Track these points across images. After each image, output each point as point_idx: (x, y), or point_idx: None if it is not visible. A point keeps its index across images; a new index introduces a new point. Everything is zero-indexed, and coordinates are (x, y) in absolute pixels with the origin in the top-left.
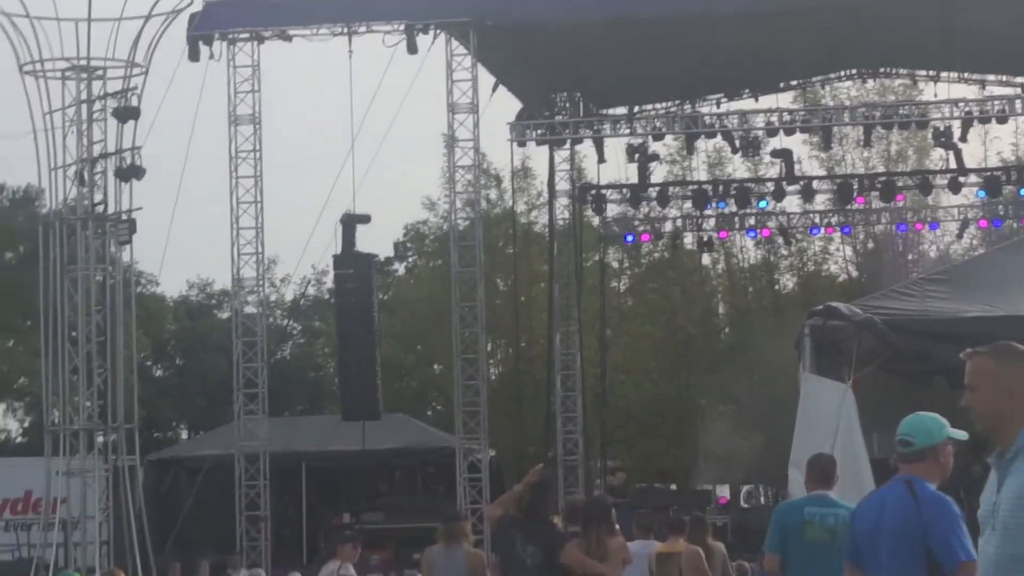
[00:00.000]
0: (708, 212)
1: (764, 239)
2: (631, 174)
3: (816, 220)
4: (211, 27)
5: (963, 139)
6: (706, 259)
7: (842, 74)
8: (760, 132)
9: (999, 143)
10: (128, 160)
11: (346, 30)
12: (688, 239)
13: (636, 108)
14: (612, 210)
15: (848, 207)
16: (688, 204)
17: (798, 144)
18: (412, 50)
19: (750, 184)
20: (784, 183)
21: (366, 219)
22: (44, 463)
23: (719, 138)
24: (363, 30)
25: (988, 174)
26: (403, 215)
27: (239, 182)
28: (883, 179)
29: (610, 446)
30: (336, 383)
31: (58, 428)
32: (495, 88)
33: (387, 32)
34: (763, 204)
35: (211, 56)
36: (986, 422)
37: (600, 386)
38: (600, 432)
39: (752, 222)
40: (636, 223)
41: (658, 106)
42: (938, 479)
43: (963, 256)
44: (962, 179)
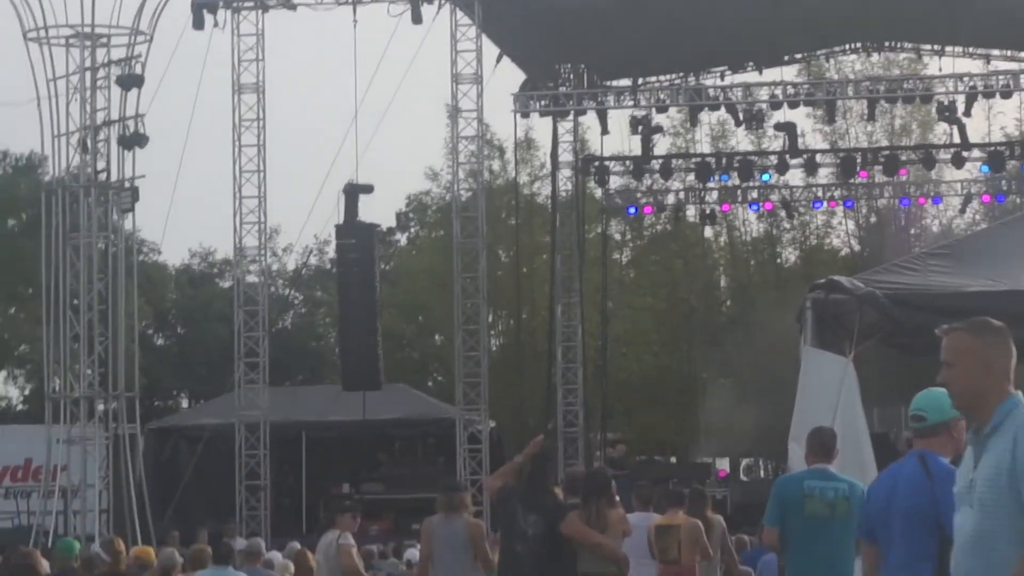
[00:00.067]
0: (711, 185)
1: (767, 212)
2: (634, 146)
3: (819, 194)
4: None
5: (967, 114)
6: (708, 232)
7: (847, 47)
8: (764, 105)
9: (1003, 118)
10: (131, 128)
11: None
12: (691, 212)
13: (640, 80)
14: (615, 182)
15: (851, 181)
16: (691, 177)
17: (802, 117)
18: (416, 20)
19: (753, 157)
20: (787, 156)
21: (369, 189)
22: (44, 431)
23: (723, 111)
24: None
25: (992, 149)
26: (406, 185)
27: (242, 151)
28: (886, 153)
29: (610, 418)
30: (337, 353)
31: (59, 396)
32: (499, 59)
33: (392, 2)
34: (766, 177)
35: (215, 24)
36: (963, 399)
37: (601, 358)
38: (600, 404)
39: (755, 195)
40: (639, 195)
41: (662, 78)
42: (951, 454)
43: (966, 231)
44: (965, 154)
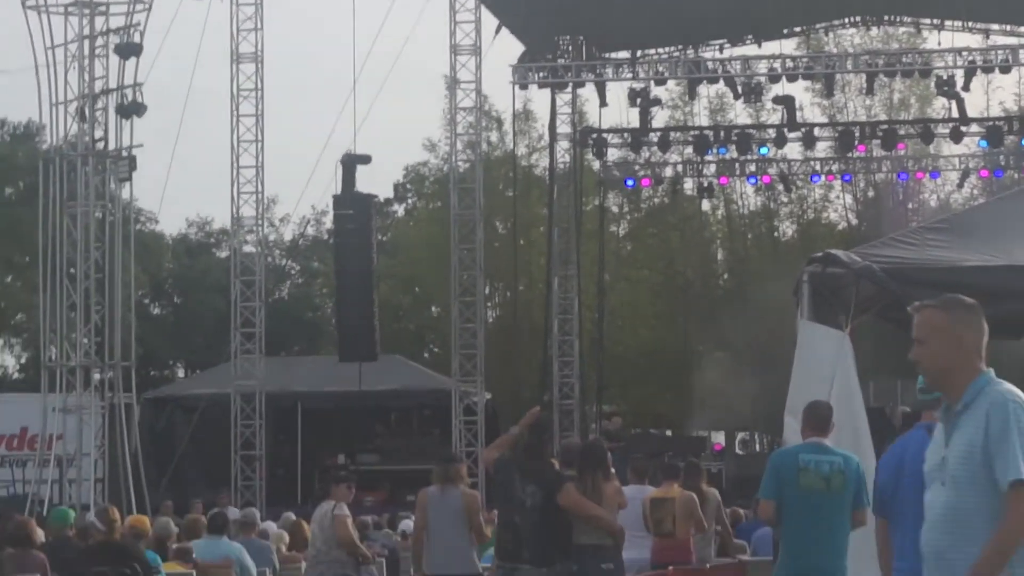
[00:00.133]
0: (709, 158)
1: (764, 186)
2: (632, 118)
3: (817, 167)
4: None
5: (966, 88)
6: (706, 205)
7: (846, 21)
8: (762, 78)
9: (1002, 93)
10: (129, 97)
11: None
12: (688, 184)
13: (639, 52)
14: (613, 154)
15: (849, 155)
16: (689, 149)
17: (800, 91)
18: None
19: (751, 130)
20: (785, 130)
21: (366, 160)
22: (40, 399)
23: (721, 84)
24: None
25: (990, 124)
26: (403, 156)
27: (240, 120)
28: (885, 127)
29: (606, 391)
30: (333, 324)
31: (55, 365)
32: (498, 30)
33: None
34: (764, 150)
35: None
36: (934, 376)
37: (597, 331)
38: (596, 377)
39: (753, 168)
40: (636, 168)
41: (661, 51)
42: None
43: (964, 205)
44: (964, 128)
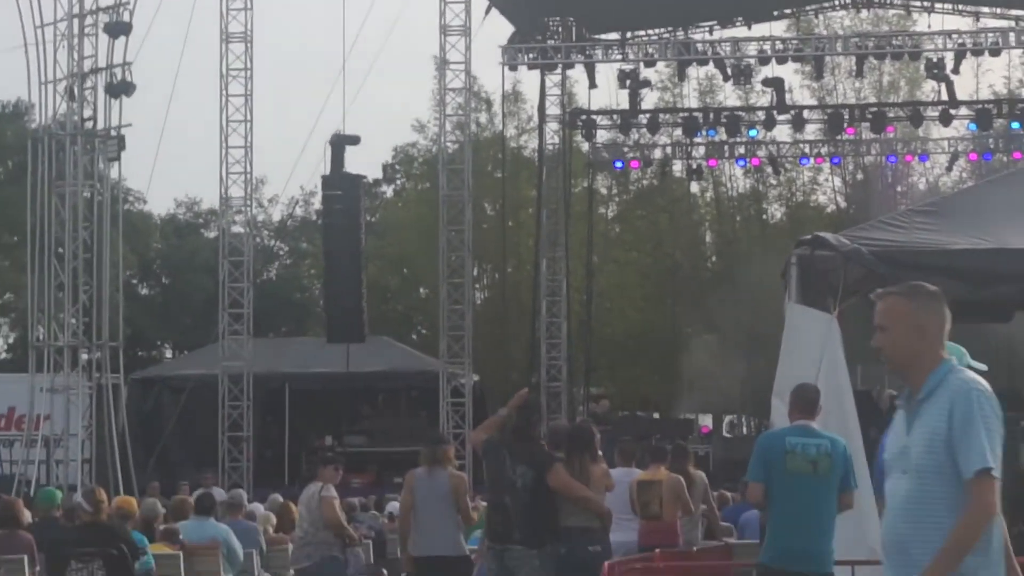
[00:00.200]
0: (698, 140)
1: (753, 168)
2: (622, 100)
3: (806, 150)
4: None
5: (955, 71)
6: (695, 187)
7: (836, 3)
8: (752, 60)
9: (991, 76)
10: (118, 76)
11: None
12: (677, 167)
13: (628, 34)
14: (602, 136)
15: (838, 137)
16: (678, 131)
17: (790, 73)
18: None
19: (741, 112)
20: (775, 112)
21: (355, 140)
22: (28, 380)
23: (711, 66)
24: None
25: (979, 107)
26: (392, 137)
27: (229, 101)
28: (874, 110)
29: (594, 373)
30: (321, 305)
31: (43, 345)
32: (488, 10)
33: None
34: (753, 133)
35: None
36: (896, 363)
37: (585, 313)
38: (584, 359)
39: (742, 151)
40: (625, 149)
41: (651, 32)
42: None
43: (952, 188)
44: (953, 111)
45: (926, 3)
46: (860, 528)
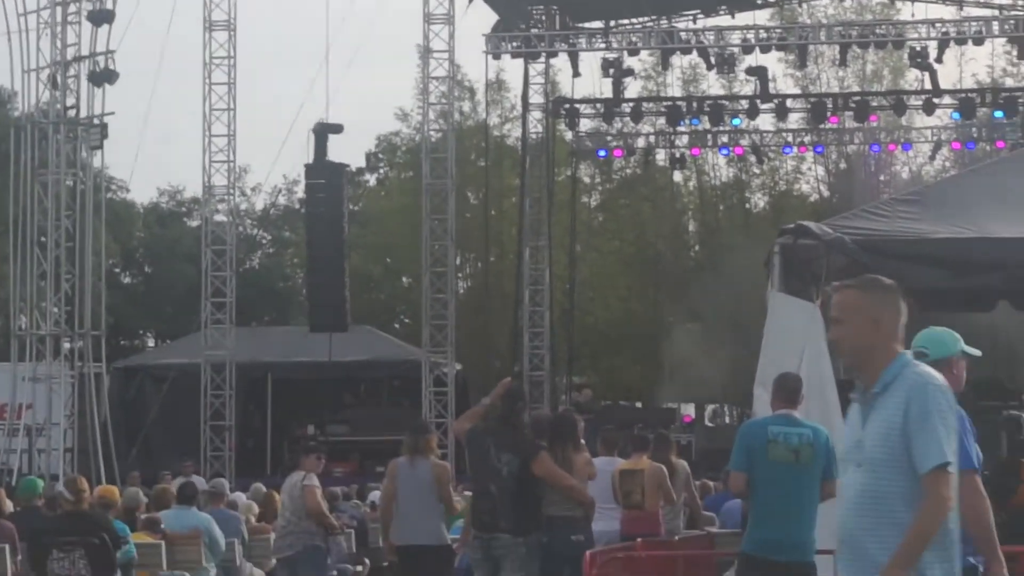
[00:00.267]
0: (681, 129)
1: (736, 157)
2: (605, 89)
3: (789, 139)
4: None
5: (939, 60)
6: (678, 176)
7: None
8: (736, 49)
9: (975, 65)
10: (101, 64)
11: None
12: (660, 156)
13: (612, 22)
14: (585, 125)
15: (821, 126)
16: (661, 120)
17: (773, 62)
18: None
19: (724, 101)
20: (758, 101)
21: (339, 129)
22: (10, 368)
23: (694, 54)
24: None
25: (963, 96)
26: (376, 126)
27: (212, 89)
28: (857, 99)
29: (576, 362)
30: (304, 294)
31: (25, 333)
32: None
33: None
34: (736, 122)
35: None
36: (851, 356)
37: (568, 302)
38: (567, 348)
39: (725, 140)
40: (609, 138)
41: (634, 21)
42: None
43: (935, 178)
44: (936, 100)
45: None
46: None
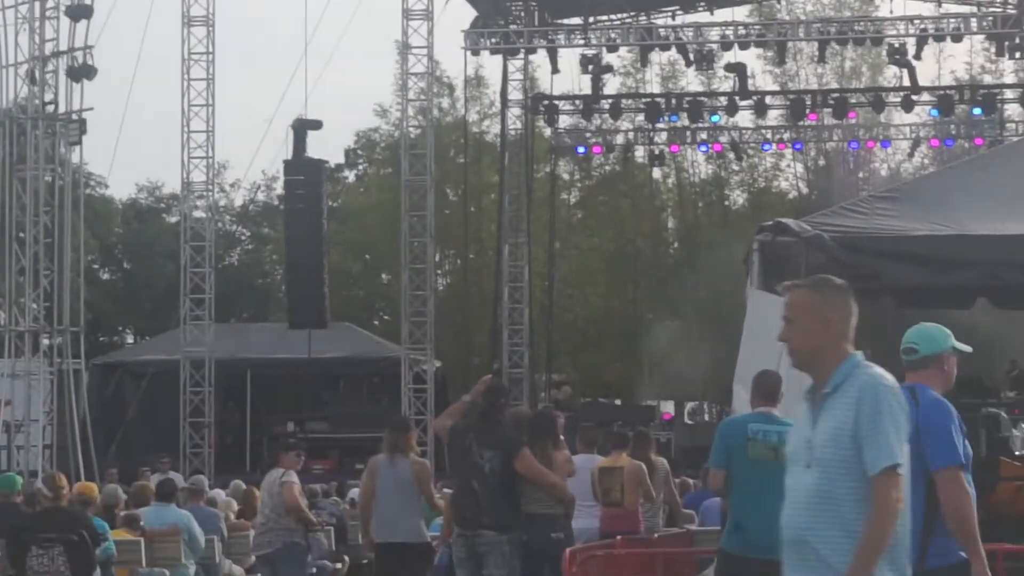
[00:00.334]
0: (660, 125)
1: (715, 154)
2: (584, 85)
3: (768, 136)
4: None
5: (917, 57)
6: (657, 173)
7: None
8: (715, 46)
9: (953, 61)
10: (80, 60)
11: None
12: (639, 152)
13: (591, 19)
14: (564, 121)
15: (800, 123)
16: (640, 117)
17: (752, 58)
18: None
19: (703, 98)
20: (737, 98)
21: (318, 125)
22: None
23: (673, 51)
24: None
25: (941, 93)
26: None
27: (191, 85)
28: (836, 96)
29: (555, 359)
30: (283, 290)
31: (3, 329)
32: None
33: None
34: (715, 118)
35: None
36: (801, 356)
37: (547, 298)
38: (546, 345)
39: (704, 136)
40: (588, 135)
41: (613, 17)
42: (941, 388)
43: (914, 175)
44: (915, 97)
45: None
46: None
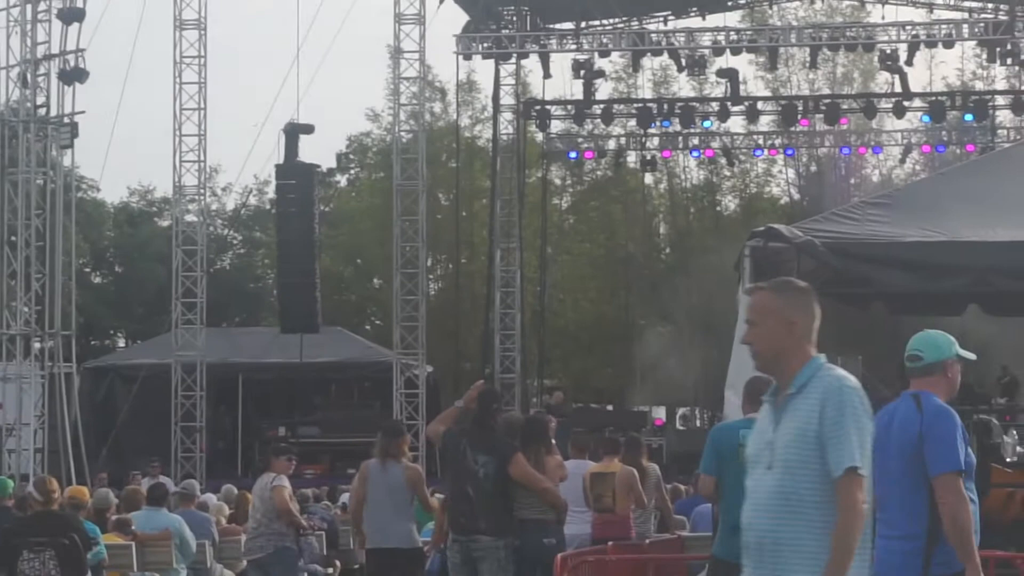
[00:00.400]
0: (652, 131)
1: (707, 159)
2: (576, 90)
3: (760, 141)
4: None
5: (909, 63)
6: (649, 178)
7: None
8: (706, 51)
9: (945, 68)
10: (72, 63)
11: None
12: (631, 158)
13: (583, 24)
14: (556, 126)
15: (792, 129)
16: (632, 122)
17: (744, 64)
18: None
19: (695, 103)
20: (729, 103)
21: (309, 129)
22: None
23: (665, 56)
24: None
25: (933, 99)
26: (347, 126)
27: (183, 88)
28: (828, 101)
29: (547, 364)
30: (275, 295)
31: None
32: (442, 0)
33: None
34: (707, 124)
35: None
36: (764, 359)
37: (539, 304)
38: (538, 350)
39: (696, 142)
40: (580, 140)
41: (605, 22)
42: (945, 394)
43: (905, 181)
44: (907, 103)
45: None
46: None
